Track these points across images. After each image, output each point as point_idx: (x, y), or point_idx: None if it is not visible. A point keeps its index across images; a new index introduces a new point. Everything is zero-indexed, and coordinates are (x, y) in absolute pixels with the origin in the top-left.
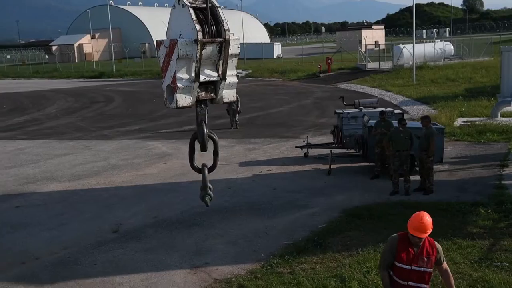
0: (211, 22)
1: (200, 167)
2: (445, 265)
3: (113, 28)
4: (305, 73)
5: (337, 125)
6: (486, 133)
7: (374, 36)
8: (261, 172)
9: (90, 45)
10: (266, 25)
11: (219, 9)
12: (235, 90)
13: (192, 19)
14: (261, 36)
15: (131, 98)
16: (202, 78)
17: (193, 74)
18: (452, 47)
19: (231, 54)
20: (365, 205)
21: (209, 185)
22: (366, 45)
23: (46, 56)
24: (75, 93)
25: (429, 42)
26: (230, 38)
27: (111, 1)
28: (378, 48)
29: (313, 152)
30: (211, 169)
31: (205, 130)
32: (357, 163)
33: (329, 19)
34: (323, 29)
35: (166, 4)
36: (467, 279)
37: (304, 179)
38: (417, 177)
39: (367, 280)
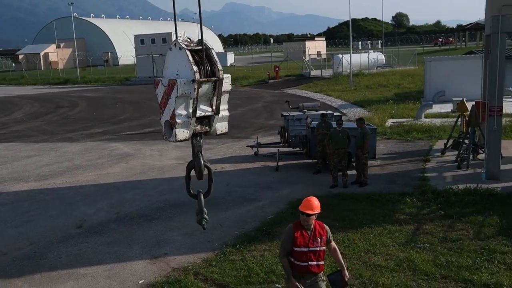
0: (206, 63)
1: (196, 194)
2: (333, 243)
3: (78, 38)
4: (256, 80)
5: (284, 126)
6: (412, 132)
7: (316, 47)
8: (216, 169)
9: (56, 54)
10: (220, 36)
11: (212, 50)
12: (226, 122)
13: (190, 61)
14: (215, 46)
15: (95, 103)
16: (198, 113)
17: (190, 110)
18: (383, 57)
19: (224, 91)
20: None
21: (205, 209)
22: (309, 55)
23: (13, 64)
24: (41, 98)
25: (364, 52)
26: (223, 76)
27: (75, 13)
28: (320, 58)
29: (262, 150)
30: (206, 195)
31: (201, 160)
32: (302, 160)
33: (277, 31)
34: (272, 40)
35: (127, 16)
36: (395, 259)
37: (254, 175)
38: (354, 172)
39: None
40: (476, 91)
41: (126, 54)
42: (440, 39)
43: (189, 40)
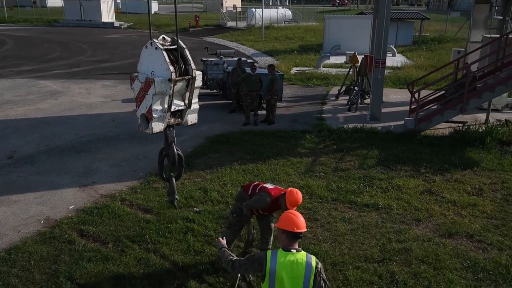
0: (180, 62)
1: (168, 177)
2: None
3: None
4: (178, 27)
5: (203, 70)
6: (313, 79)
7: (233, 0)
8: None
9: None
10: None
11: (185, 50)
12: (196, 114)
13: (166, 61)
14: None
15: (23, 42)
16: (172, 108)
17: (166, 106)
18: (290, 13)
19: (196, 87)
20: (223, 133)
21: (176, 191)
22: (226, 7)
23: None
24: None
25: (274, 8)
26: (196, 74)
27: None
28: (236, 10)
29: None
30: (177, 178)
31: (175, 149)
32: (218, 101)
33: None
34: None
35: None
36: (295, 186)
37: None
38: (263, 112)
39: (223, 190)
40: (365, 46)
41: None
42: (337, 1)
43: (163, 39)
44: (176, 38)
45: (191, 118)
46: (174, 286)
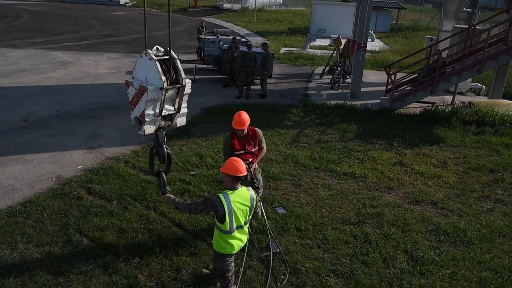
0: (172, 72)
1: (158, 171)
2: (264, 144)
3: None
4: (178, 7)
5: (201, 47)
6: (300, 59)
7: None
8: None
9: None
10: None
11: (177, 60)
12: (185, 117)
13: (159, 71)
14: None
15: (37, 16)
16: (163, 113)
17: (157, 111)
18: None
19: (185, 94)
20: (218, 105)
21: (166, 183)
22: None
23: None
24: None
25: None
26: (186, 83)
27: None
28: None
29: (182, 66)
30: (166, 173)
31: (165, 149)
32: (214, 75)
33: None
34: None
35: None
36: (282, 154)
37: None
38: (255, 87)
39: (217, 156)
40: (348, 30)
41: None
42: None
43: (157, 49)
44: (168, 48)
45: (180, 120)
46: (171, 240)
